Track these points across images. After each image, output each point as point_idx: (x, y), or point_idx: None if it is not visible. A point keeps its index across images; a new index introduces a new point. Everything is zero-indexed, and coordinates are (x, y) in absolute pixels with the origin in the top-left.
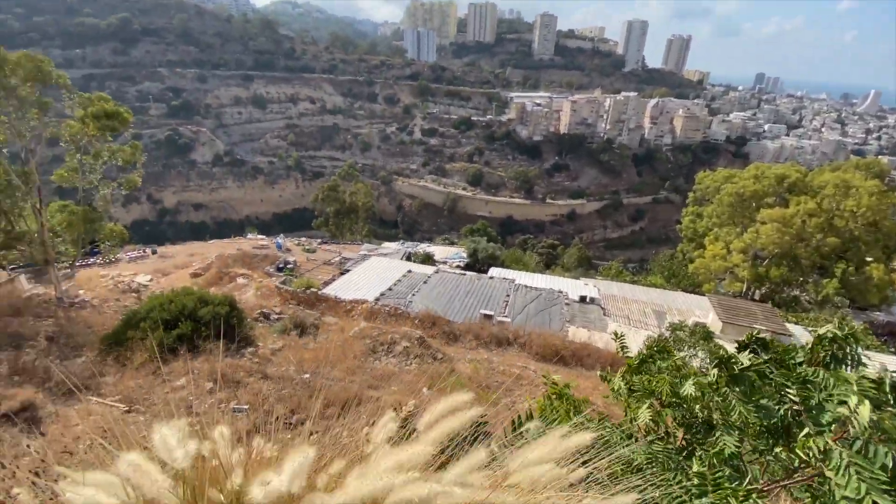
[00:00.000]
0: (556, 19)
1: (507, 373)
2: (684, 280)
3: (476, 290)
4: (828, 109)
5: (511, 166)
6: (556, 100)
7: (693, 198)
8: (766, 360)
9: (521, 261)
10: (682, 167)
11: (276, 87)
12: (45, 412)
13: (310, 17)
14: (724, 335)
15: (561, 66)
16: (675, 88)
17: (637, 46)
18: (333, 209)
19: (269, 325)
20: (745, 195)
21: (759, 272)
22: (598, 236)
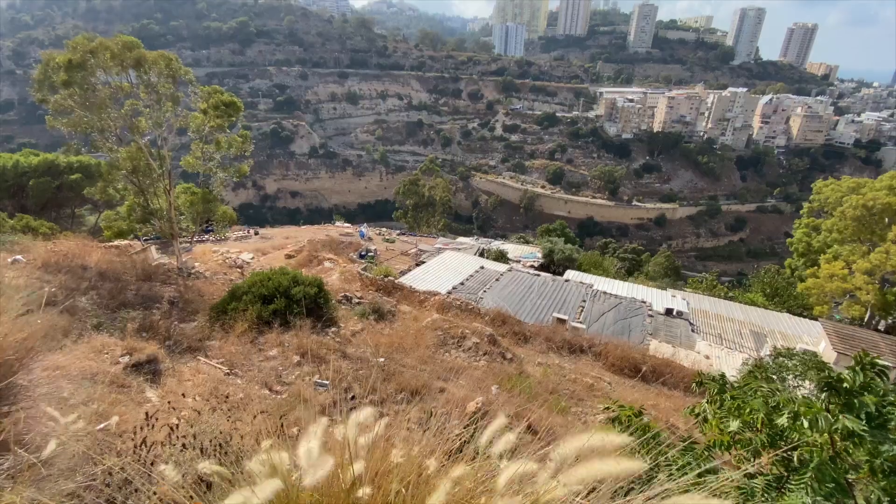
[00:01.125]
0: (656, 9)
1: (578, 381)
2: (790, 300)
3: (549, 293)
4: None
5: (595, 165)
6: (651, 95)
7: (809, 208)
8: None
9: (601, 265)
10: (796, 173)
11: (367, 84)
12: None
13: (403, 16)
14: (839, 368)
15: (659, 59)
16: (795, 84)
17: (750, 37)
18: (413, 202)
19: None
20: (875, 208)
21: (888, 299)
22: (690, 245)
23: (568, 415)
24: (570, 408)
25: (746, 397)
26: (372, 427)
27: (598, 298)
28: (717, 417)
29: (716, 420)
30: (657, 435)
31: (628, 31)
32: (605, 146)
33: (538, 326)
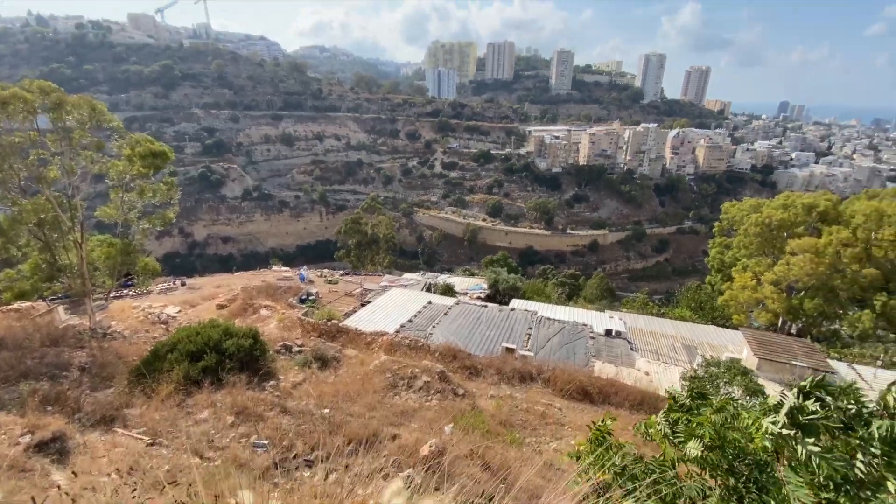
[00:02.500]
0: (573, 55)
1: (531, 410)
2: (713, 312)
3: (497, 323)
4: (859, 136)
5: (530, 197)
6: (575, 132)
7: (719, 228)
8: (832, 408)
9: (543, 292)
10: (706, 197)
11: (303, 125)
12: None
13: (336, 60)
14: (761, 372)
15: (578, 100)
16: (696, 119)
17: (655, 79)
18: (356, 240)
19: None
20: (773, 225)
21: (793, 304)
22: (621, 267)
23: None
24: (524, 439)
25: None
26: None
27: (543, 325)
28: (676, 438)
29: (672, 441)
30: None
31: (550, 75)
32: (538, 180)
33: (489, 358)
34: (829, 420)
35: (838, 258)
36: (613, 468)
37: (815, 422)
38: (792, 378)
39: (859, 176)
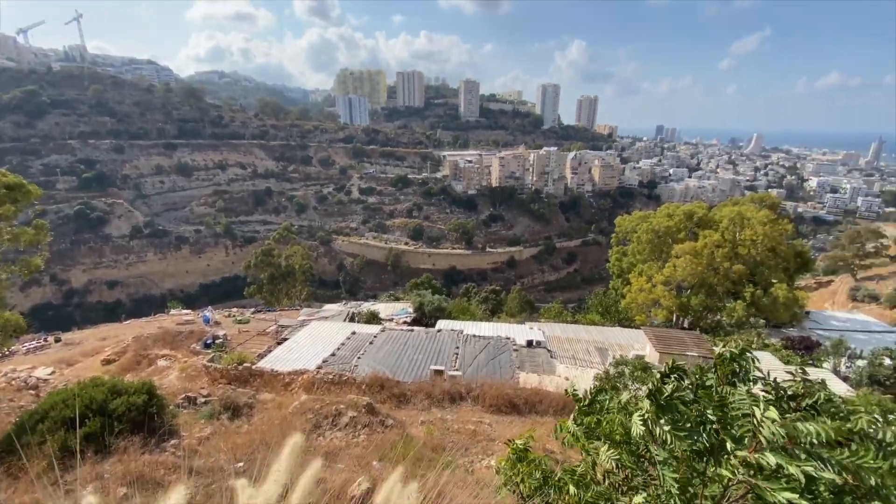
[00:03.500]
0: (478, 85)
1: (461, 430)
2: (618, 315)
3: (425, 346)
4: (720, 153)
5: (449, 219)
6: (486, 156)
7: (616, 238)
8: (686, 386)
9: (468, 310)
10: (604, 211)
11: (202, 154)
12: None
13: (238, 86)
14: (662, 365)
15: (486, 126)
16: (590, 142)
17: (552, 107)
18: (268, 274)
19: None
20: (660, 232)
21: (682, 301)
22: (538, 280)
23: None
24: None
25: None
26: None
27: (470, 342)
28: (584, 436)
29: (583, 439)
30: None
31: (459, 103)
32: (456, 202)
33: (418, 383)
34: (681, 397)
35: (713, 258)
36: (533, 482)
37: (671, 401)
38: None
39: (723, 186)
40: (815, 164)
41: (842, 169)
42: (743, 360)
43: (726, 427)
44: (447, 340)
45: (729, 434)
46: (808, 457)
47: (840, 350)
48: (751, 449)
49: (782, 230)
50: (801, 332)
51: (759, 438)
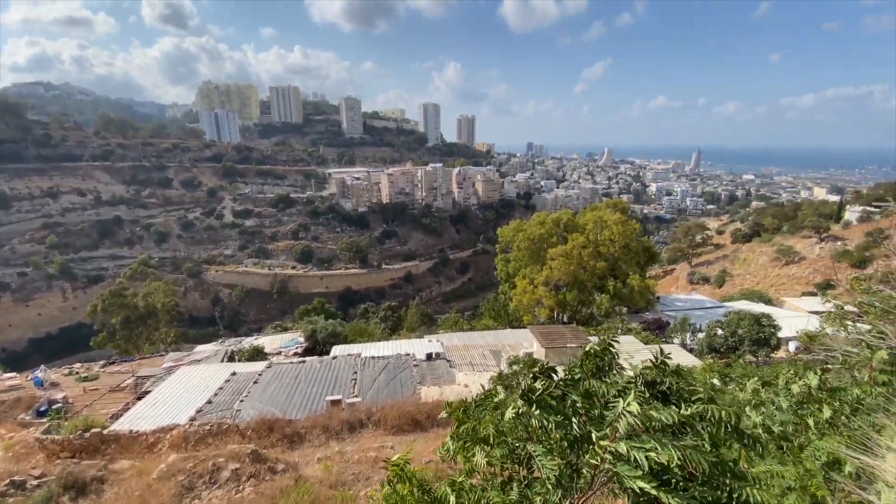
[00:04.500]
0: (360, 102)
1: (363, 460)
2: (508, 317)
3: (319, 376)
4: (580, 165)
5: (340, 238)
6: (374, 173)
7: (500, 247)
8: (557, 382)
9: (366, 332)
10: (489, 221)
11: (24, 180)
12: None
13: (71, 100)
14: (548, 359)
15: (371, 143)
16: (471, 158)
17: (434, 125)
18: (121, 318)
19: (25, 496)
20: (535, 239)
21: (560, 299)
22: (436, 292)
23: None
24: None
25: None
26: None
27: (368, 365)
28: (462, 448)
29: (458, 449)
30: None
31: (341, 120)
32: (346, 220)
33: (313, 418)
34: (552, 393)
35: (581, 258)
36: (414, 501)
37: (543, 396)
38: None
39: (585, 195)
40: (653, 173)
41: (672, 175)
42: (607, 354)
43: (592, 418)
44: (344, 367)
45: (595, 424)
46: (656, 443)
47: (685, 326)
48: (612, 437)
49: (633, 229)
50: (654, 315)
51: (618, 427)
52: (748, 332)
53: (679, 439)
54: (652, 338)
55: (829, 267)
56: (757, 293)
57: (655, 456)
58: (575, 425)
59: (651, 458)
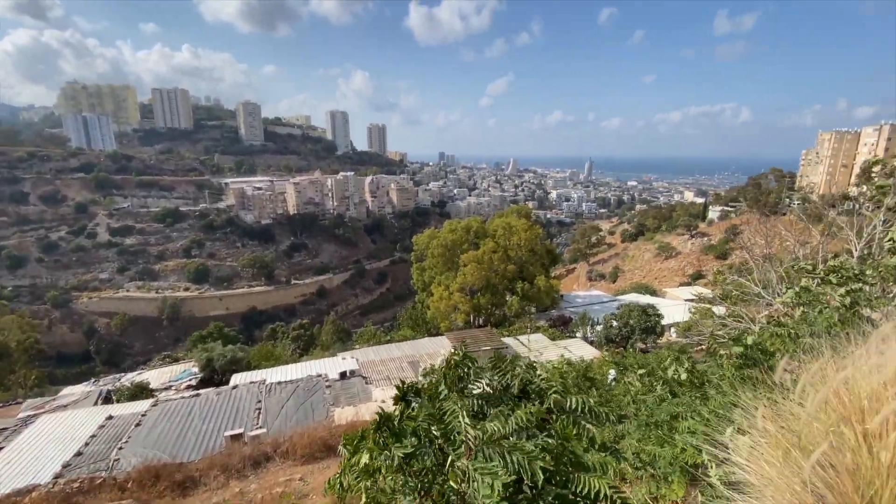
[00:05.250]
0: (259, 107)
1: (267, 498)
2: (426, 325)
3: (217, 410)
4: (489, 174)
5: (242, 254)
6: (278, 183)
7: (415, 255)
8: (420, 404)
9: (273, 355)
10: (405, 230)
11: None
12: None
13: None
14: None
15: (274, 151)
16: (384, 167)
17: (343, 133)
18: None
19: None
20: (448, 246)
21: (475, 303)
22: (352, 305)
23: None
24: None
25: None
26: None
27: (275, 392)
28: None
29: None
30: None
31: (238, 126)
32: (248, 234)
33: (209, 458)
34: (413, 417)
35: (492, 262)
36: None
37: (402, 424)
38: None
39: (495, 202)
40: (553, 181)
41: (570, 183)
42: (465, 365)
43: (448, 438)
44: (246, 396)
45: (450, 444)
46: (499, 458)
47: (585, 321)
48: (467, 455)
49: (537, 234)
50: (559, 312)
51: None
52: (637, 322)
53: (536, 438)
54: (558, 334)
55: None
56: (644, 286)
57: (502, 476)
58: (433, 449)
59: (495, 481)
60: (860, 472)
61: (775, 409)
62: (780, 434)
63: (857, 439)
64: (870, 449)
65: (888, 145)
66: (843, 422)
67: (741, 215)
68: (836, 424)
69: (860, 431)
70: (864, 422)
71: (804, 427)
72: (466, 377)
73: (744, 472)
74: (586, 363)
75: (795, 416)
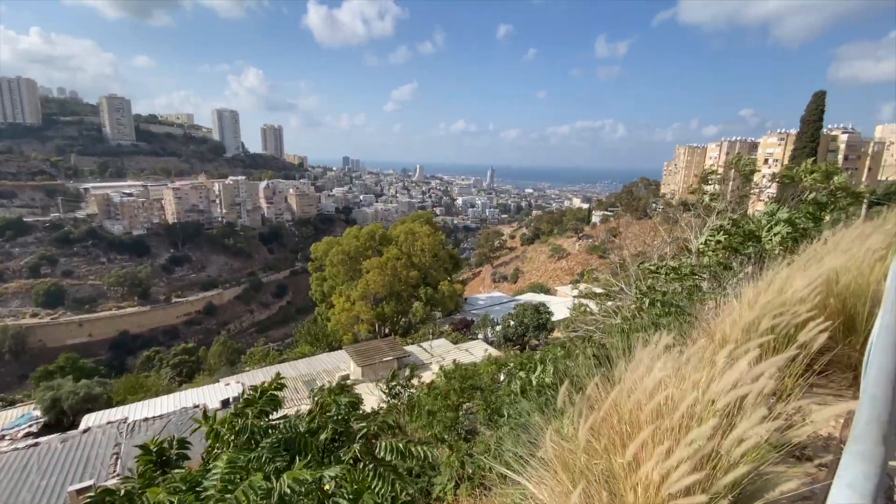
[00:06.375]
0: (129, 102)
1: None
2: (326, 339)
3: (61, 460)
4: (396, 181)
5: (108, 270)
6: (154, 188)
7: (313, 266)
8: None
9: (143, 386)
10: (307, 238)
11: None
12: None
13: None
14: (365, 378)
15: (150, 152)
16: (281, 171)
17: (233, 133)
18: None
19: None
20: (350, 253)
21: (379, 312)
22: (247, 322)
23: None
24: None
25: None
26: None
27: (139, 431)
28: None
29: None
30: None
31: (102, 123)
32: (115, 247)
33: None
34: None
35: (395, 269)
36: None
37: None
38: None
39: (403, 208)
40: (459, 188)
41: (474, 190)
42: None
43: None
44: (101, 440)
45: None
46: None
47: (486, 322)
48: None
49: (439, 239)
50: (462, 315)
51: None
52: (531, 320)
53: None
54: (460, 337)
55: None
56: (539, 285)
57: None
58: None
59: None
60: None
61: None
62: (558, 463)
63: (621, 470)
64: (632, 484)
65: (726, 158)
66: (611, 450)
67: (618, 218)
68: (605, 452)
69: (622, 462)
70: (626, 449)
71: (575, 457)
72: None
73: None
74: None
75: (571, 445)
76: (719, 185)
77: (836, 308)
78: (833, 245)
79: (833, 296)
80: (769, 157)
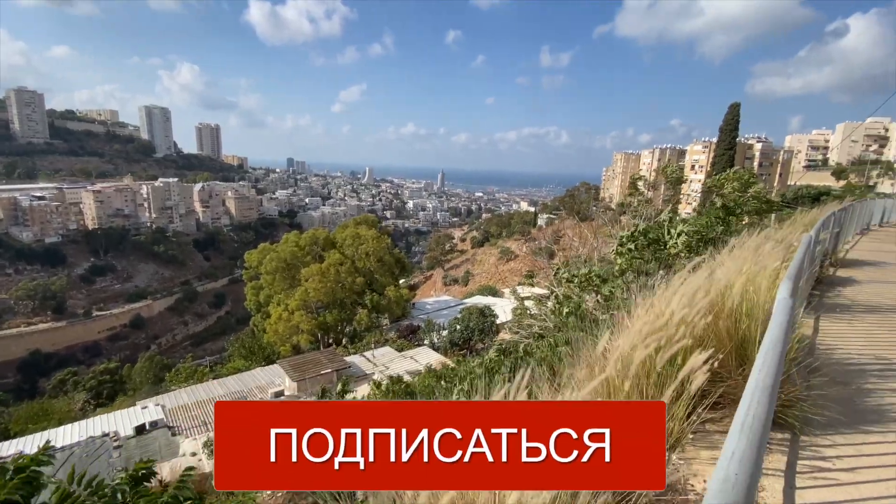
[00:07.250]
0: (41, 97)
1: None
2: (262, 352)
3: None
4: (344, 183)
5: (16, 282)
6: (71, 191)
7: (247, 274)
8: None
9: (51, 413)
10: (247, 244)
11: None
12: None
13: None
14: (302, 392)
15: (67, 151)
16: (219, 172)
17: (164, 132)
18: None
19: None
20: (288, 260)
21: (321, 321)
22: (181, 335)
23: None
24: None
25: None
26: None
27: None
28: None
29: None
30: None
31: (10, 119)
32: (24, 256)
33: None
34: None
35: (338, 275)
36: None
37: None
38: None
39: (352, 212)
40: (409, 191)
41: (425, 193)
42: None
43: None
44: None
45: None
46: None
47: (432, 327)
48: None
49: (385, 243)
50: (409, 321)
51: None
52: (477, 323)
53: None
54: (406, 344)
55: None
56: (488, 287)
57: None
58: None
59: None
60: None
61: None
62: None
63: None
64: None
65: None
66: None
67: (561, 221)
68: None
69: None
70: None
71: None
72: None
73: None
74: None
75: None
76: (648, 191)
77: (728, 331)
78: (734, 254)
79: (723, 317)
80: (695, 164)
